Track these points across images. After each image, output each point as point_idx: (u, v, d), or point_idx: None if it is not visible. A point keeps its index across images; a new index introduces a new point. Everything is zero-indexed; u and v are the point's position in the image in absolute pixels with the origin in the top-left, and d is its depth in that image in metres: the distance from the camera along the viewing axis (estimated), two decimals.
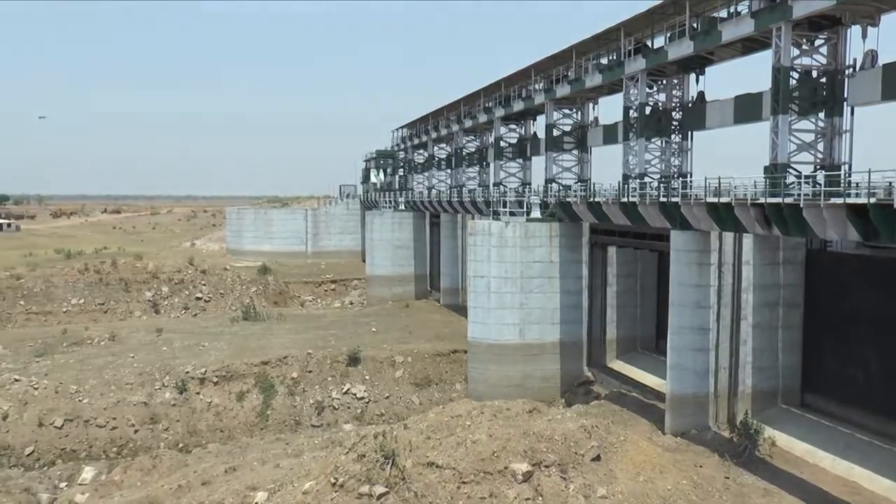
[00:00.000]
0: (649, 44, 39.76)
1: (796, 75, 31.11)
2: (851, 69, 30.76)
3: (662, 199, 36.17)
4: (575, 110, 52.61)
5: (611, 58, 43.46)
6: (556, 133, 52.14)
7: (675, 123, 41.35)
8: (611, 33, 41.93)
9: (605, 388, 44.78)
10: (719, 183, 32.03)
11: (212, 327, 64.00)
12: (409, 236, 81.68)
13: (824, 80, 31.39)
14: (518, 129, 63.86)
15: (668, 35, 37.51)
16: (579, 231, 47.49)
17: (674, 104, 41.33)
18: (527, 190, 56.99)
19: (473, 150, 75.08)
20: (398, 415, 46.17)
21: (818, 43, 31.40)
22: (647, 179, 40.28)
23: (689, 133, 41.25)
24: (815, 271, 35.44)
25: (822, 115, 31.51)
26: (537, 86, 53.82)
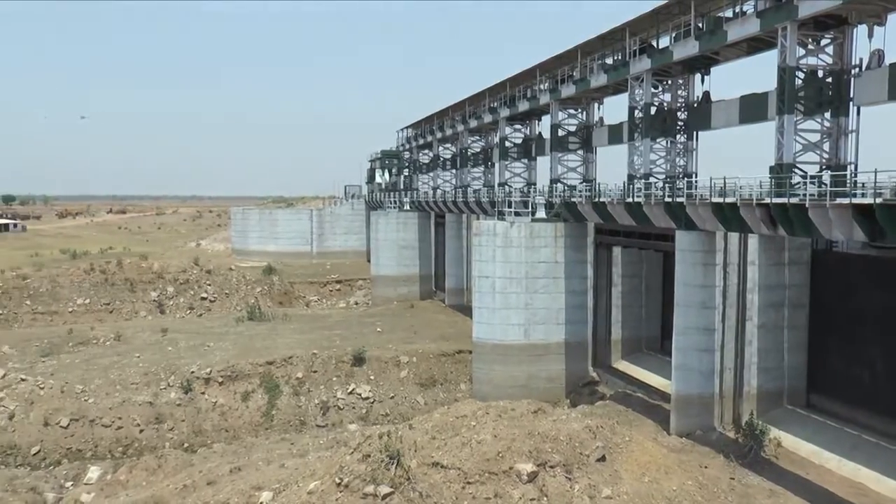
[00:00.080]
0: (654, 44, 39.73)
1: (802, 75, 31.00)
2: (858, 69, 30.66)
3: (667, 199, 36.11)
4: (580, 110, 52.58)
5: (616, 58, 43.43)
6: (561, 133, 52.12)
7: (680, 123, 41.28)
8: (616, 33, 41.89)
9: (610, 389, 44.72)
10: (724, 183, 31.96)
11: (217, 327, 64.10)
12: (414, 236, 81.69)
13: (830, 79, 31.30)
14: (523, 130, 63.84)
15: (674, 35, 37.47)
16: (584, 231, 47.44)
17: (679, 104, 41.26)
18: (532, 190, 56.95)
19: (478, 150, 75.07)
20: (403, 415, 46.20)
21: (824, 42, 31.31)
22: (652, 179, 40.21)
23: (695, 133, 41.21)
24: (821, 272, 35.36)
25: (827, 114, 31.41)
26: (542, 86, 53.80)
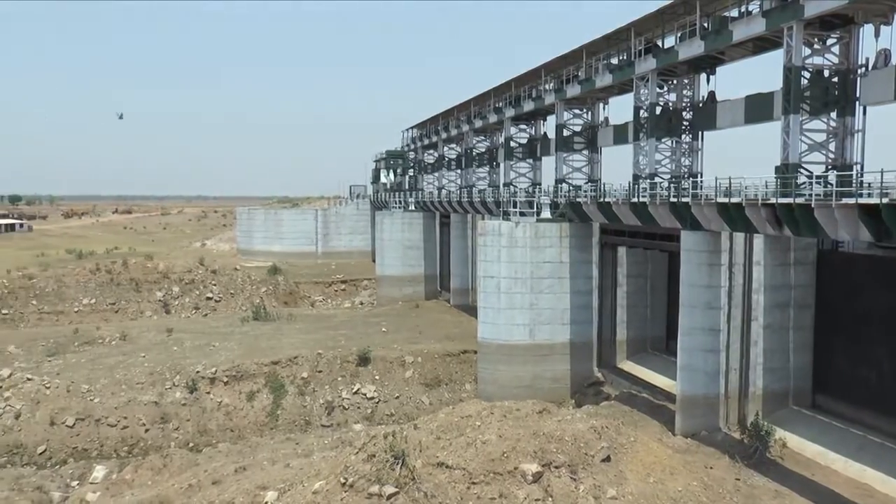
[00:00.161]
0: (660, 44, 39.65)
1: (808, 75, 30.94)
2: (864, 68, 30.57)
3: (673, 199, 36.06)
4: (585, 110, 52.51)
5: (621, 58, 43.36)
6: (566, 133, 52.05)
7: (685, 123, 41.23)
8: (621, 33, 41.82)
9: (616, 389, 44.67)
10: (730, 183, 31.88)
11: (222, 327, 64.20)
12: (419, 237, 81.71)
13: (836, 79, 31.21)
14: (528, 130, 63.80)
15: (679, 35, 37.39)
16: (589, 231, 47.40)
17: (684, 104, 41.21)
18: (537, 190, 56.90)
19: (484, 150, 75.05)
20: (408, 415, 46.20)
21: (830, 42, 31.22)
22: (657, 180, 40.17)
23: (700, 133, 41.14)
24: (827, 272, 35.27)
25: (833, 114, 31.34)
26: (548, 86, 53.74)
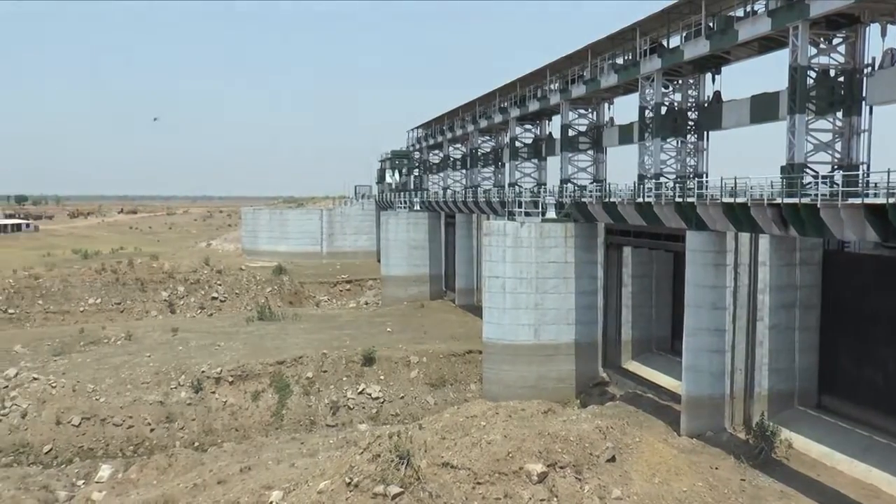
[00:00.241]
0: (665, 43, 39.61)
1: (814, 74, 30.83)
2: (870, 68, 30.48)
3: (678, 199, 36.00)
4: (590, 110, 52.49)
5: (626, 58, 43.32)
6: (571, 133, 52.04)
7: (690, 123, 41.16)
8: (626, 33, 41.80)
9: (621, 389, 44.63)
10: (735, 183, 31.83)
11: (227, 327, 64.32)
12: (424, 237, 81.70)
13: (842, 79, 31.11)
14: (533, 130, 63.77)
15: (684, 34, 37.34)
16: (594, 231, 47.36)
17: (689, 104, 41.13)
18: (542, 190, 56.86)
19: (489, 150, 75.02)
20: (413, 415, 46.22)
21: (836, 41, 31.12)
22: (662, 180, 40.09)
23: (705, 133, 41.07)
24: (833, 272, 35.17)
25: (839, 114, 31.22)
26: (553, 86, 53.73)
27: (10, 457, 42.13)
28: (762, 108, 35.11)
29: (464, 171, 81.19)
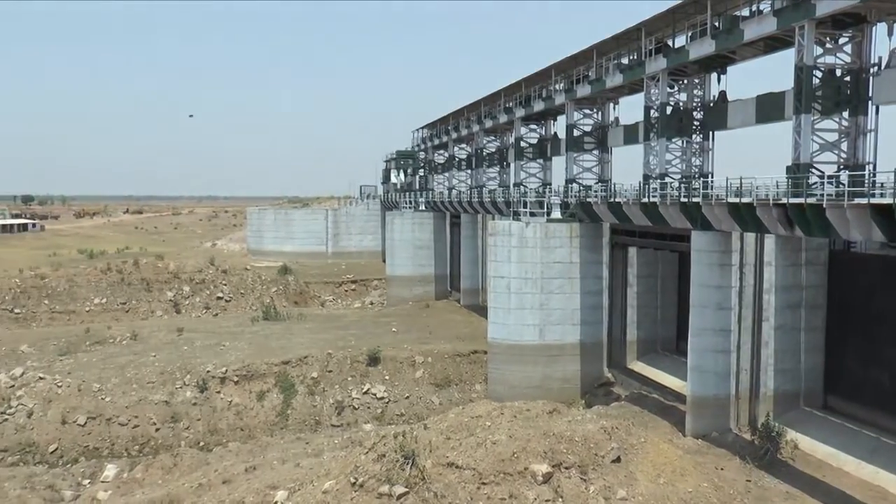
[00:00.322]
0: (670, 43, 39.54)
1: (820, 74, 30.78)
2: (877, 67, 30.38)
3: (683, 199, 35.94)
4: (595, 110, 52.41)
5: (631, 57, 43.25)
6: (576, 133, 51.97)
7: (696, 123, 41.09)
8: (631, 33, 41.72)
9: (626, 390, 44.57)
10: (741, 183, 31.74)
11: (232, 327, 64.38)
12: (429, 237, 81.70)
13: (848, 78, 31.03)
14: (538, 130, 63.71)
15: (690, 34, 37.26)
16: (600, 231, 47.30)
17: (695, 104, 41.06)
18: (547, 190, 56.83)
19: (494, 150, 75.01)
20: (418, 415, 46.22)
21: (842, 41, 31.04)
22: (667, 180, 40.05)
23: (711, 133, 41.00)
24: (839, 272, 35.06)
25: (845, 114, 31.15)
26: (558, 86, 53.67)
27: (17, 456, 42.24)
28: (768, 108, 35.04)
29: (469, 171, 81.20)
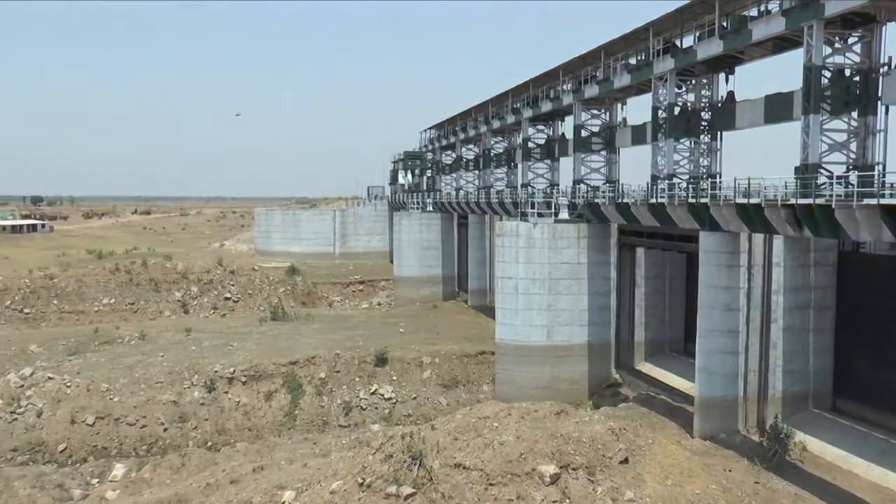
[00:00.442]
0: (678, 43, 39.47)
1: (829, 74, 30.66)
2: (886, 67, 30.25)
3: (691, 199, 35.87)
4: (603, 111, 52.35)
5: (639, 58, 43.21)
6: (584, 134, 51.92)
7: (704, 123, 40.99)
8: (639, 33, 41.69)
9: (633, 391, 44.49)
10: (749, 183, 31.66)
11: (240, 327, 64.53)
12: (436, 237, 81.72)
13: (858, 78, 30.91)
14: (546, 130, 63.66)
15: (698, 34, 37.20)
16: (607, 232, 47.23)
17: (703, 104, 40.96)
18: (555, 191, 56.79)
19: (501, 150, 74.99)
20: (426, 416, 46.24)
21: (851, 41, 30.93)
22: (675, 180, 39.96)
23: (719, 133, 40.89)
24: (848, 273, 34.93)
25: (854, 114, 31.03)
26: (565, 86, 53.63)
27: (26, 455, 42.45)
28: (776, 109, 34.93)
29: (476, 171, 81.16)
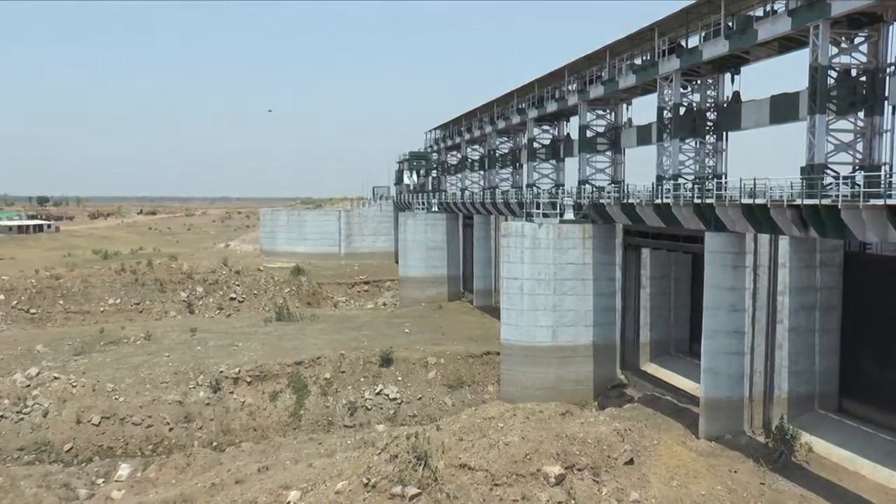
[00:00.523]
0: (684, 43, 39.39)
1: (835, 74, 30.57)
2: (893, 67, 30.17)
3: (697, 200, 35.80)
4: (608, 111, 52.26)
5: (645, 58, 43.13)
6: (589, 134, 51.83)
7: (709, 124, 40.91)
8: (644, 33, 41.60)
9: (639, 392, 44.41)
10: (754, 184, 31.60)
11: (245, 327, 64.60)
12: (442, 238, 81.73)
13: (864, 78, 30.81)
14: (551, 131, 63.61)
15: (703, 34, 37.12)
16: (613, 233, 47.18)
17: (708, 104, 40.88)
18: (560, 191, 56.72)
19: (506, 151, 74.93)
20: (431, 416, 46.26)
21: (858, 41, 30.85)
22: (681, 181, 39.90)
23: (724, 133, 40.81)
24: (854, 274, 34.82)
25: (861, 114, 30.93)
26: (570, 87, 53.56)
27: (32, 455, 42.58)
28: (782, 109, 34.86)
29: (482, 172, 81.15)
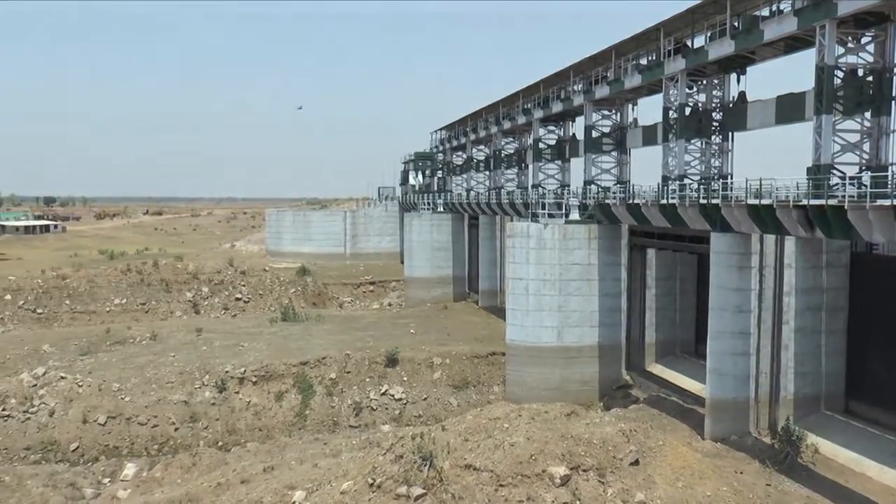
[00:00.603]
0: (689, 44, 39.36)
1: (841, 74, 30.52)
2: None
3: (702, 200, 35.74)
4: (614, 111, 52.26)
5: (650, 58, 43.12)
6: (595, 134, 51.83)
7: (715, 124, 40.87)
8: (650, 33, 41.59)
9: (644, 392, 44.36)
10: (760, 184, 31.54)
11: (251, 328, 64.67)
12: (447, 238, 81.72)
13: (871, 78, 30.75)
14: (557, 131, 63.61)
15: (709, 34, 37.10)
16: (618, 233, 47.11)
17: (714, 104, 40.84)
18: (565, 192, 56.70)
19: (512, 151, 74.96)
20: (436, 416, 46.22)
21: (864, 40, 30.77)
22: (686, 181, 39.84)
23: (730, 134, 40.74)
24: (861, 274, 34.71)
25: (867, 114, 30.88)
26: (576, 87, 53.57)
27: (39, 454, 42.68)
28: (788, 109, 34.78)
29: (487, 172, 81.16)
